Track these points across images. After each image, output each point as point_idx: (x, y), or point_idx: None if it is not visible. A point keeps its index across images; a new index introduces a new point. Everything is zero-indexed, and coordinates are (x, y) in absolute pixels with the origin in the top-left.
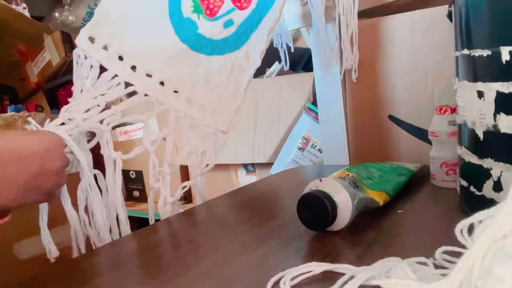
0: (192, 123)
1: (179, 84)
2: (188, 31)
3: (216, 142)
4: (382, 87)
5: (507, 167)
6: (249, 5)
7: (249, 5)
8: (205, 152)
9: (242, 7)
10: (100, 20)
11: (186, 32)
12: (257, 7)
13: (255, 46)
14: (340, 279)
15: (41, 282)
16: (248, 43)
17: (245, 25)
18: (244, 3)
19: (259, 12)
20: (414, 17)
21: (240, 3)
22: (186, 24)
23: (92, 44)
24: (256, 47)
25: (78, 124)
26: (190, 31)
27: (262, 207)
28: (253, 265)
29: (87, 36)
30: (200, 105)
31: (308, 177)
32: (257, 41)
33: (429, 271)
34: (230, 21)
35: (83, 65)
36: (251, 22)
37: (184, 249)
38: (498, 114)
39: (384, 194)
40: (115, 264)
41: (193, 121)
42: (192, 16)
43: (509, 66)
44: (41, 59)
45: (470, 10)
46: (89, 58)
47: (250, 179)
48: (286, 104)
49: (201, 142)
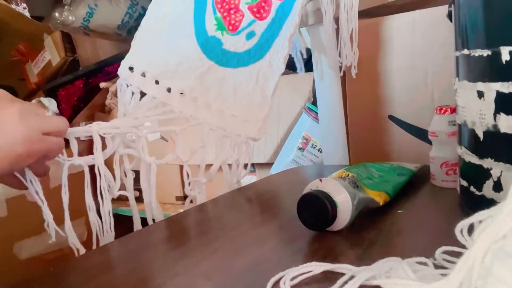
0: (225, 133)
1: (209, 99)
2: (214, 48)
3: (248, 150)
4: (382, 87)
5: (507, 167)
6: (268, 15)
7: (268, 15)
8: (239, 160)
9: (262, 17)
10: (136, 50)
11: (212, 50)
12: (276, 15)
13: (277, 53)
14: (340, 279)
15: (41, 282)
16: (271, 51)
17: (266, 34)
18: (263, 13)
19: (278, 19)
20: (414, 17)
21: (260, 14)
22: (212, 42)
23: (132, 73)
24: (278, 54)
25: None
26: (216, 48)
27: (262, 207)
28: (253, 265)
29: (127, 66)
30: (231, 116)
31: (308, 177)
32: (279, 48)
33: (429, 271)
34: (252, 33)
35: (125, 92)
36: (272, 30)
37: (184, 249)
38: (498, 114)
39: (384, 194)
40: (115, 264)
41: (225, 132)
42: (216, 34)
43: (509, 66)
44: (41, 59)
45: (470, 10)
46: (130, 85)
47: (250, 179)
48: (286, 104)
49: (234, 151)
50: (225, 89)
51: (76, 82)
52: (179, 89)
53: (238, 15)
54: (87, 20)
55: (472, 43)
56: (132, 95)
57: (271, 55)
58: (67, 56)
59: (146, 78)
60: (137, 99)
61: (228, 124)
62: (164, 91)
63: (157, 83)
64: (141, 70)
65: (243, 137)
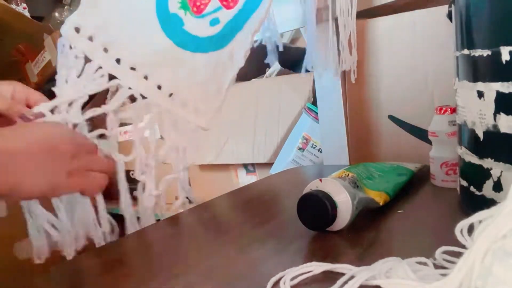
0: (174, 118)
1: (162, 80)
2: (174, 27)
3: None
4: (382, 87)
5: (507, 167)
6: (235, 5)
7: (235, 5)
8: (186, 148)
9: (229, 6)
10: (86, 10)
11: (172, 28)
12: (244, 7)
13: (240, 47)
14: (340, 279)
15: (41, 282)
16: (233, 43)
17: (230, 24)
18: (230, 2)
19: (245, 12)
20: (414, 17)
21: (227, 2)
22: (172, 20)
23: (77, 34)
24: (240, 48)
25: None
26: (176, 27)
27: (262, 207)
28: (253, 265)
29: (73, 26)
30: (182, 101)
31: (308, 177)
32: (242, 41)
33: (429, 271)
34: (217, 20)
35: (68, 55)
36: (237, 22)
37: (184, 249)
38: (498, 114)
39: (384, 194)
40: (115, 264)
41: (175, 116)
42: (178, 12)
43: (509, 66)
44: (41, 59)
45: (470, 10)
46: (74, 48)
47: (250, 179)
48: (286, 104)
49: (182, 138)
50: (180, 73)
51: None
52: (131, 63)
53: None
54: None
55: (472, 43)
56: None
57: (233, 47)
58: None
59: (93, 43)
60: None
61: (178, 109)
62: (113, 61)
63: (105, 51)
64: (88, 33)
65: (193, 124)
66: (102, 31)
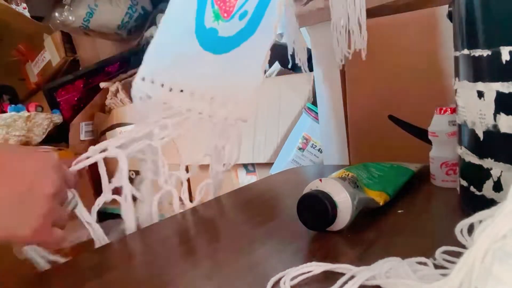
0: (214, 120)
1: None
2: (210, 39)
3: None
4: (382, 87)
5: (507, 167)
6: None
7: None
8: (225, 146)
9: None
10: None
11: (208, 41)
12: None
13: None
14: (340, 279)
15: (41, 282)
16: (262, 23)
17: (258, 8)
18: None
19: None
20: (414, 17)
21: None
22: (209, 33)
23: (143, 82)
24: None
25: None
26: (212, 38)
27: (262, 207)
28: (253, 265)
29: (140, 78)
30: (221, 103)
31: (308, 177)
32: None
33: (429, 271)
34: (245, 12)
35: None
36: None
37: (184, 249)
38: (498, 114)
39: (384, 194)
40: (115, 264)
41: (214, 118)
42: (213, 25)
43: (509, 66)
44: (41, 59)
45: (470, 10)
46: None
47: (250, 179)
48: (286, 104)
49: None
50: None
51: (76, 82)
52: (179, 87)
53: (232, 1)
54: (87, 20)
55: (472, 43)
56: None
57: (262, 26)
58: (67, 56)
59: (153, 84)
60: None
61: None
62: (167, 91)
63: (162, 86)
64: (150, 78)
65: (231, 119)
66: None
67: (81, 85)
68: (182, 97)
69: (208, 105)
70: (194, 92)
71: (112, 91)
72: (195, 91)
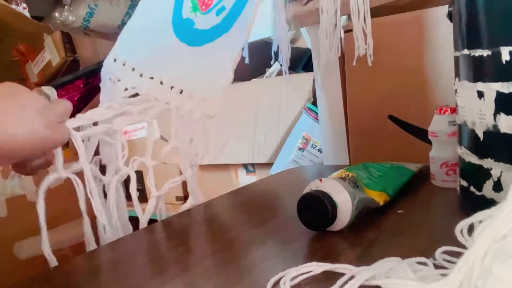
0: (181, 113)
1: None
2: (186, 29)
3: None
4: (382, 87)
5: (507, 167)
6: None
7: None
8: (193, 140)
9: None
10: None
11: (184, 31)
12: None
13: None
14: (340, 279)
15: (41, 282)
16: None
17: (235, 6)
18: None
19: None
20: (414, 17)
21: None
22: (185, 24)
23: (114, 63)
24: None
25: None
26: (188, 28)
27: (262, 207)
28: (253, 265)
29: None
30: (189, 95)
31: (308, 177)
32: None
33: (429, 271)
34: (222, 7)
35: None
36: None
37: (184, 249)
38: (498, 114)
39: (384, 194)
40: (115, 264)
41: (181, 110)
42: (190, 16)
43: (509, 66)
44: (41, 59)
45: (470, 10)
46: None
47: (250, 179)
48: (286, 104)
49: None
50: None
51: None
52: (149, 73)
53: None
54: (87, 20)
55: (472, 43)
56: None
57: (236, 25)
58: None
59: (125, 66)
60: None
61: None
62: (137, 77)
63: (133, 70)
64: (122, 60)
65: (197, 113)
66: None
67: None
68: (151, 85)
69: (176, 97)
70: (164, 81)
71: None
72: (164, 80)
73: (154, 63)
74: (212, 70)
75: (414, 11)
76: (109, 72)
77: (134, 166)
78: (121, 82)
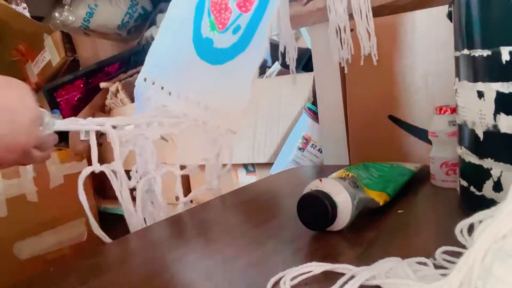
0: (206, 128)
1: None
2: (207, 48)
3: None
4: (382, 87)
5: (507, 167)
6: (252, 6)
7: (252, 6)
8: (219, 154)
9: (247, 10)
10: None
11: (204, 50)
12: (259, 3)
13: (259, 40)
14: (340, 279)
15: (41, 282)
16: (253, 40)
17: (250, 25)
18: (248, 5)
19: (260, 8)
20: (414, 17)
21: (245, 7)
22: (205, 43)
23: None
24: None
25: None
26: (208, 47)
27: (262, 207)
28: (253, 265)
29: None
30: (215, 112)
31: (308, 177)
32: (260, 35)
33: (429, 271)
34: (238, 27)
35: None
36: (255, 20)
37: (184, 249)
38: (498, 114)
39: (384, 194)
40: (115, 264)
41: (207, 125)
42: (209, 35)
43: (509, 66)
44: (41, 59)
45: (470, 10)
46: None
47: (250, 179)
48: (286, 104)
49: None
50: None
51: (76, 82)
52: (177, 91)
53: (227, 13)
54: (87, 20)
55: (472, 43)
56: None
57: (253, 43)
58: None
59: (154, 85)
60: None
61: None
62: (166, 94)
63: (162, 88)
64: (151, 79)
65: (222, 129)
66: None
67: (81, 85)
68: (178, 102)
69: (201, 112)
70: (189, 98)
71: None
72: (190, 97)
73: (180, 81)
74: (234, 87)
75: (414, 11)
76: (141, 92)
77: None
78: (152, 100)
